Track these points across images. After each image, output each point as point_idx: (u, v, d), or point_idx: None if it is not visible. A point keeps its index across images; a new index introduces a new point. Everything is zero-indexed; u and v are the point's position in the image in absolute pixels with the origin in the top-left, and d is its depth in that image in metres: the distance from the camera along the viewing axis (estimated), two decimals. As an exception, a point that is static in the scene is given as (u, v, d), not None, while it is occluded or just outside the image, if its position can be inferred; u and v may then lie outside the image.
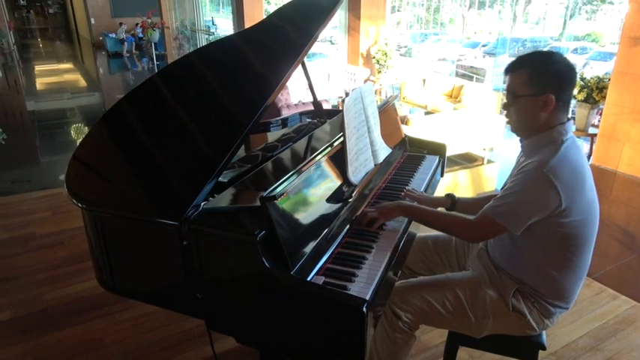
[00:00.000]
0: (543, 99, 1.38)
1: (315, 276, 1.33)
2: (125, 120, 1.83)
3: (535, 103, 1.40)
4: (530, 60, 1.43)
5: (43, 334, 2.29)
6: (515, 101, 1.44)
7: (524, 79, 1.40)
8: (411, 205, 1.65)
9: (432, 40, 15.52)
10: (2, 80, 12.07)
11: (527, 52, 1.49)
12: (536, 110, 1.40)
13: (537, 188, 1.35)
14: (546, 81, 1.38)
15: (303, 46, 1.75)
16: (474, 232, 1.49)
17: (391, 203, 1.64)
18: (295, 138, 1.96)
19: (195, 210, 1.32)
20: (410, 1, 15.41)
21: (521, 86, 1.41)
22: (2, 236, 3.28)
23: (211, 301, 1.35)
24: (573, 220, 1.37)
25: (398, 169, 2.15)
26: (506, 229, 1.40)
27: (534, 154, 1.41)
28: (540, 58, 1.43)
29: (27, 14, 27.24)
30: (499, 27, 15.72)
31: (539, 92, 1.38)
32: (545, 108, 1.39)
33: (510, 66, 1.47)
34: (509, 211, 1.39)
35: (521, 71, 1.42)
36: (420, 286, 1.59)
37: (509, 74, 1.47)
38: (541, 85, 1.38)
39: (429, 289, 1.57)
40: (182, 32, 12.93)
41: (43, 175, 5.35)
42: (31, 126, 7.90)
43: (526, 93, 1.40)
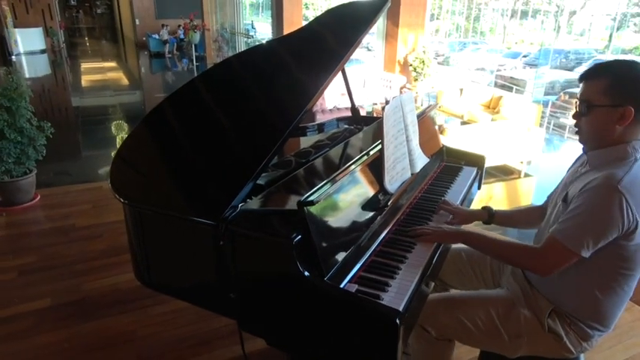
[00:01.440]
0: (621, 111, 1.29)
1: (348, 283, 1.33)
2: (167, 121, 1.89)
3: (612, 115, 1.31)
4: (611, 67, 1.34)
5: (80, 323, 2.37)
6: (590, 111, 1.35)
7: (603, 87, 1.31)
8: (472, 232, 1.52)
9: (470, 49, 15.27)
10: (51, 77, 12.63)
11: (610, 60, 1.40)
12: (612, 122, 1.32)
13: (611, 207, 1.23)
14: (628, 92, 1.29)
15: (342, 55, 1.75)
16: (543, 262, 1.34)
17: (452, 228, 1.56)
18: (332, 144, 1.97)
19: (233, 211, 1.34)
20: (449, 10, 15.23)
21: (599, 95, 1.32)
22: (45, 226, 3.43)
23: (244, 302, 1.37)
24: (636, 242, 1.29)
25: (434, 179, 2.12)
26: (579, 254, 1.28)
27: (603, 168, 1.33)
28: (623, 67, 1.34)
29: (76, 14, 28.45)
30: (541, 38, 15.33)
31: (618, 103, 1.29)
32: (622, 121, 1.30)
33: (588, 73, 1.37)
34: (582, 234, 1.27)
35: (600, 79, 1.33)
36: (451, 303, 1.56)
37: (585, 81, 1.37)
38: (621, 96, 1.29)
39: (461, 306, 1.53)
40: (222, 35, 13.20)
41: (83, 168, 5.57)
42: (74, 121, 8.22)
43: (604, 103, 1.31)
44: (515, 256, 1.42)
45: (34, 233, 3.34)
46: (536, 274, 1.45)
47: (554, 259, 1.32)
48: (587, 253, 1.28)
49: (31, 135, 3.45)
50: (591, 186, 1.29)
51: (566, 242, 1.28)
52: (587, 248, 1.27)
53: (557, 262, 1.32)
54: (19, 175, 3.51)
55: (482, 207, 1.84)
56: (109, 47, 21.10)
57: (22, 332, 2.33)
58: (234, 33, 13.06)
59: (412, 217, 1.74)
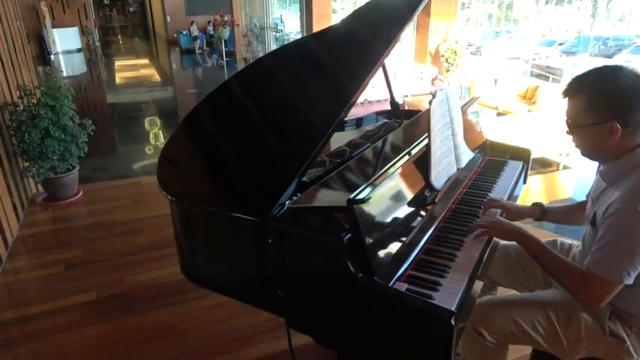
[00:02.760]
0: (607, 127, 1.23)
1: (397, 282, 1.31)
2: (208, 120, 1.89)
3: (599, 132, 1.25)
4: (587, 82, 1.27)
5: (124, 316, 2.43)
6: (576, 131, 1.30)
7: (583, 105, 1.25)
8: (530, 236, 1.43)
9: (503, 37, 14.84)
10: (87, 75, 12.99)
11: (587, 71, 1.30)
12: (602, 139, 1.26)
13: (639, 231, 1.19)
14: (609, 107, 1.22)
15: (380, 53, 1.70)
16: (589, 294, 1.28)
17: (509, 224, 1.49)
18: (375, 138, 1.94)
19: (281, 209, 1.33)
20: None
21: (581, 114, 1.27)
22: (88, 221, 3.53)
23: (292, 299, 1.36)
24: None
25: (478, 174, 2.06)
26: (621, 282, 1.23)
27: (618, 184, 1.27)
28: (599, 80, 1.26)
29: (110, 12, 29.16)
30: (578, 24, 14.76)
31: (602, 120, 1.23)
32: (612, 136, 1.24)
33: (567, 90, 1.31)
34: (617, 264, 1.21)
35: (579, 96, 1.27)
36: (506, 306, 1.50)
37: (567, 99, 1.31)
38: (603, 112, 1.23)
39: (517, 309, 1.47)
40: (251, 30, 13.26)
41: (118, 163, 5.73)
42: (110, 117, 8.45)
43: (587, 122, 1.26)
44: (566, 281, 1.35)
45: (78, 228, 3.45)
46: (586, 305, 1.38)
47: (599, 291, 1.26)
48: (630, 280, 1.23)
49: (74, 132, 3.55)
50: (613, 211, 1.23)
51: (605, 274, 1.23)
52: (628, 275, 1.22)
53: (602, 293, 1.26)
54: (63, 171, 3.62)
55: (532, 203, 1.76)
56: (141, 44, 21.55)
57: (70, 324, 2.40)
58: (264, 28, 13.10)
59: (458, 214, 1.70)
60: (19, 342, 2.30)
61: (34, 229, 3.40)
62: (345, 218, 1.27)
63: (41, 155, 3.40)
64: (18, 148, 3.43)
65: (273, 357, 2.16)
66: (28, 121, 3.35)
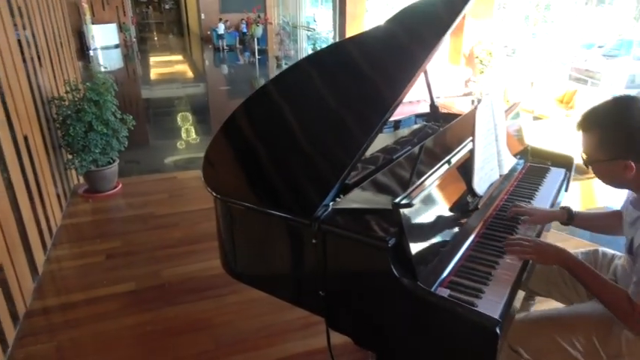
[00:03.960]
0: (622, 164, 1.21)
1: (438, 287, 1.31)
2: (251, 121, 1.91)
3: (614, 168, 1.23)
4: (599, 117, 1.24)
5: (161, 307, 2.50)
6: (591, 165, 1.29)
7: (595, 142, 1.24)
8: (575, 259, 1.40)
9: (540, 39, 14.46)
10: (123, 70, 13.35)
11: (600, 104, 1.27)
12: (618, 174, 1.23)
13: None
14: (619, 144, 1.20)
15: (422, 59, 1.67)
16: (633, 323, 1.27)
17: (552, 247, 1.45)
18: (416, 141, 1.93)
19: (325, 210, 1.35)
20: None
21: (594, 150, 1.25)
22: (127, 213, 3.64)
23: (333, 300, 1.38)
24: None
25: (520, 180, 2.03)
26: None
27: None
28: (611, 115, 1.23)
29: (146, 10, 29.83)
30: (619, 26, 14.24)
31: (615, 157, 1.21)
32: (628, 171, 1.21)
33: (579, 124, 1.29)
34: None
35: (591, 132, 1.25)
36: (545, 324, 1.47)
37: (581, 133, 1.30)
38: (616, 150, 1.21)
39: (557, 327, 1.44)
40: (283, 28, 13.35)
41: (151, 157, 5.89)
42: (144, 112, 8.67)
43: (600, 158, 1.24)
44: (614, 308, 1.32)
45: (117, 219, 3.56)
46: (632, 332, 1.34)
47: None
48: None
49: (115, 127, 3.66)
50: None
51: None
52: None
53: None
54: (103, 164, 3.74)
55: (560, 207, 1.73)
56: (175, 41, 21.97)
57: (110, 313, 2.49)
58: (296, 26, 13.16)
59: (499, 221, 1.68)
60: (61, 328, 2.40)
61: (75, 219, 3.53)
62: (388, 221, 1.27)
63: (84, 148, 3.53)
64: (63, 141, 3.57)
65: (306, 355, 2.18)
66: (73, 115, 3.48)
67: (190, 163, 5.72)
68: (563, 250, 1.42)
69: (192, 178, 4.32)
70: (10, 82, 2.76)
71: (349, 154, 1.46)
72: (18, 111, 2.83)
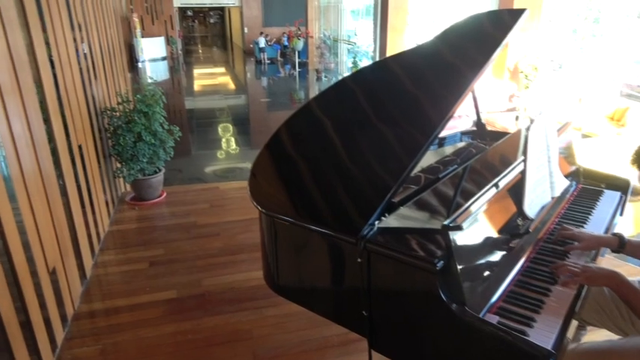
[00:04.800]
0: None
1: (487, 313, 1.26)
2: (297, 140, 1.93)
3: None
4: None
5: (202, 316, 2.54)
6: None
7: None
8: (629, 283, 1.33)
9: (589, 53, 13.97)
10: (169, 81, 13.84)
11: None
12: None
13: None
14: None
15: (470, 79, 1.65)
16: None
17: (603, 270, 1.39)
18: (462, 160, 1.89)
19: (370, 229, 1.34)
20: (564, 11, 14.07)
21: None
22: (170, 222, 3.74)
23: (376, 320, 1.36)
24: None
25: (571, 203, 1.95)
26: None
27: None
28: None
29: (192, 23, 30.95)
30: (676, 40, 13.54)
31: None
32: None
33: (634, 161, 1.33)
34: None
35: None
36: (596, 355, 1.39)
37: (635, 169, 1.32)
38: None
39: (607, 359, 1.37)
40: (324, 42, 13.49)
41: (192, 166, 6.05)
42: (187, 122, 8.93)
43: None
44: None
45: (161, 227, 3.66)
46: None
47: None
48: None
49: (163, 137, 3.79)
50: None
51: None
52: None
53: None
54: (150, 173, 3.87)
55: (612, 233, 1.64)
56: (218, 54, 22.63)
57: (151, 320, 2.54)
58: (337, 40, 13.28)
59: (550, 245, 1.61)
60: (106, 332, 2.47)
61: (122, 226, 3.65)
62: (436, 243, 1.25)
63: (133, 157, 3.67)
64: (113, 150, 3.72)
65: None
66: (124, 126, 3.62)
67: (230, 172, 5.84)
68: (615, 273, 1.35)
69: (234, 188, 4.40)
70: (68, 94, 2.91)
71: (394, 174, 1.45)
72: (74, 121, 2.98)
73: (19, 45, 2.24)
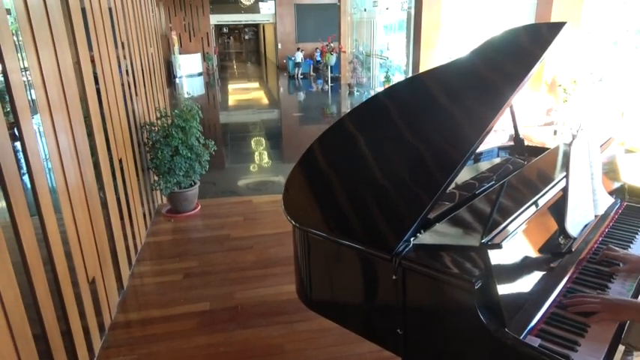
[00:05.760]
0: None
1: (527, 335, 1.22)
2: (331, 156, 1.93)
3: None
4: None
5: (234, 329, 2.56)
6: None
7: None
8: None
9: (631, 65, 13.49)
10: (205, 96, 14.20)
11: None
12: None
13: None
14: None
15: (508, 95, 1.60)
16: None
17: (627, 301, 1.31)
18: (501, 176, 1.85)
19: (406, 245, 1.32)
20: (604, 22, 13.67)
21: None
22: (205, 234, 3.80)
23: (411, 339, 1.33)
24: None
25: (616, 221, 1.87)
26: None
27: None
28: None
29: (227, 40, 31.82)
30: None
31: None
32: None
33: None
34: None
35: None
36: None
37: None
38: None
39: None
40: (357, 56, 13.56)
41: (226, 179, 6.14)
42: (221, 136, 9.10)
43: None
44: None
45: (195, 240, 3.73)
46: None
47: None
48: None
49: (199, 152, 3.88)
50: None
51: None
52: None
53: None
54: (186, 186, 3.96)
55: None
56: (253, 69, 23.10)
57: (185, 332, 2.58)
58: (369, 55, 13.33)
59: (593, 265, 1.54)
60: (141, 342, 2.52)
61: (158, 238, 3.74)
62: (474, 261, 1.22)
63: (170, 171, 3.77)
64: (151, 164, 3.84)
65: (375, 391, 2.12)
66: (162, 140, 3.73)
67: (262, 186, 5.89)
68: (634, 302, 1.27)
69: (267, 202, 4.45)
70: (111, 109, 3.03)
71: (430, 190, 1.43)
72: (115, 136, 3.10)
73: (67, 62, 2.36)
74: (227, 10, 19.67)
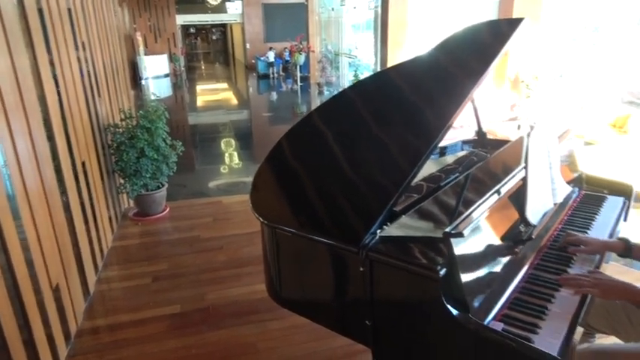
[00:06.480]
0: None
1: (492, 321, 1.25)
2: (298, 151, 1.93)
3: None
4: None
5: (206, 331, 2.53)
6: None
7: None
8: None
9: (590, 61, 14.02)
10: (172, 98, 13.95)
11: None
12: None
13: None
14: None
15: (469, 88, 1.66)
16: None
17: (616, 282, 1.36)
18: (463, 169, 1.90)
19: (372, 238, 1.34)
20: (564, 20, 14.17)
21: None
22: (174, 236, 3.74)
23: (379, 330, 1.35)
24: None
25: (575, 209, 1.94)
26: None
27: None
28: None
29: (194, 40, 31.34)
30: (676, 47, 13.57)
31: None
32: None
33: None
34: None
35: None
36: (608, 358, 1.38)
37: None
38: None
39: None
40: (325, 56, 13.60)
41: (196, 181, 6.06)
42: (190, 138, 8.97)
43: None
44: None
45: (164, 242, 3.66)
46: None
47: None
48: None
49: (165, 153, 3.81)
50: None
51: None
52: None
53: None
54: (153, 188, 3.88)
55: (617, 237, 1.63)
56: (221, 70, 22.83)
57: (155, 335, 2.53)
58: (338, 54, 13.39)
59: (554, 251, 1.60)
60: (109, 348, 2.45)
61: (125, 242, 3.66)
62: (438, 250, 1.25)
63: (136, 173, 3.68)
64: (116, 166, 3.74)
65: (349, 385, 2.13)
66: (127, 142, 3.65)
67: (234, 187, 5.84)
68: (631, 285, 1.32)
69: (237, 202, 4.41)
70: (72, 111, 2.94)
71: (396, 182, 1.46)
72: (78, 138, 3.01)
73: (24, 64, 2.28)
74: (193, 11, 19.36)
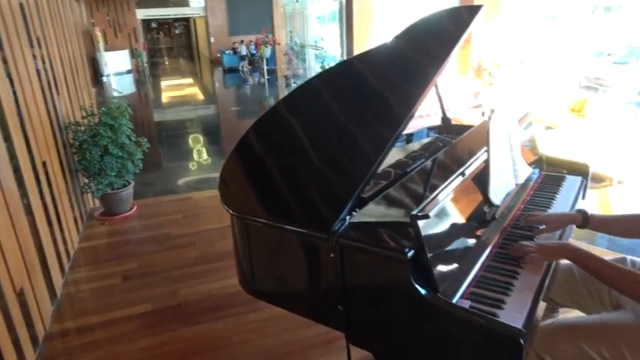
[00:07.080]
0: None
1: (460, 299, 1.29)
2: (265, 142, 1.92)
3: None
4: None
5: (179, 327, 2.50)
6: None
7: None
8: (580, 249, 1.39)
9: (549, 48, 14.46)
10: (136, 95, 13.60)
11: None
12: None
13: None
14: None
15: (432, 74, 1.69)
16: None
17: (556, 243, 1.46)
18: (430, 154, 1.93)
19: (342, 224, 1.35)
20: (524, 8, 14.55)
21: None
22: (143, 235, 3.67)
23: (352, 315, 1.37)
24: None
25: (536, 189, 2.01)
26: None
27: None
28: None
29: (157, 35, 30.54)
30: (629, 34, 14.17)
31: None
32: None
33: None
34: None
35: None
36: (572, 331, 1.44)
37: None
38: None
39: (583, 334, 1.41)
40: (292, 48, 13.53)
41: (165, 178, 5.97)
42: (157, 135, 8.79)
43: None
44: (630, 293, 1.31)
45: (133, 241, 3.59)
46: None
47: None
48: None
49: (130, 150, 3.72)
50: None
51: None
52: None
53: None
54: (119, 187, 3.79)
55: (576, 210, 1.70)
56: (186, 65, 22.38)
57: (127, 335, 2.49)
58: (304, 46, 13.35)
59: (517, 230, 1.66)
60: (79, 351, 2.40)
61: (92, 242, 3.56)
62: (406, 234, 1.27)
63: (100, 172, 3.59)
64: (79, 166, 3.63)
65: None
66: (90, 140, 3.54)
67: (203, 183, 5.77)
68: (566, 243, 1.41)
69: (207, 197, 4.36)
70: (29, 109, 2.83)
71: (363, 169, 1.47)
72: (37, 137, 2.90)
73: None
74: (154, 5, 18.86)
